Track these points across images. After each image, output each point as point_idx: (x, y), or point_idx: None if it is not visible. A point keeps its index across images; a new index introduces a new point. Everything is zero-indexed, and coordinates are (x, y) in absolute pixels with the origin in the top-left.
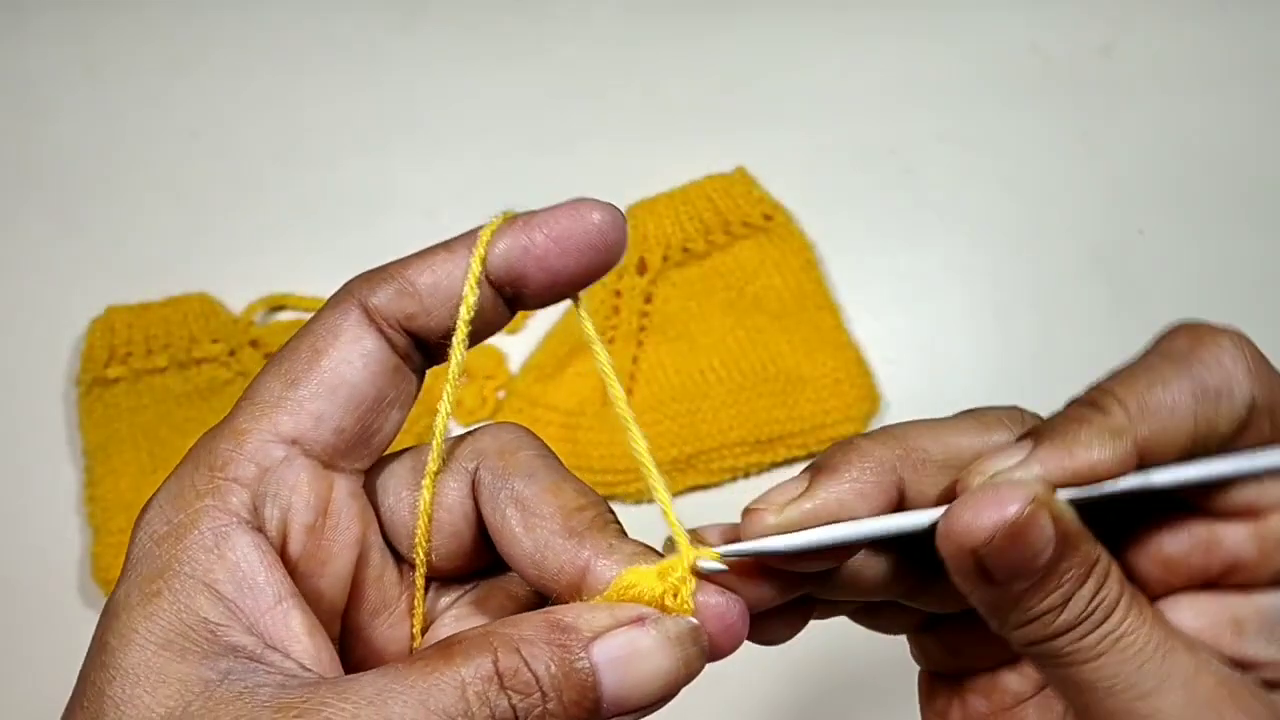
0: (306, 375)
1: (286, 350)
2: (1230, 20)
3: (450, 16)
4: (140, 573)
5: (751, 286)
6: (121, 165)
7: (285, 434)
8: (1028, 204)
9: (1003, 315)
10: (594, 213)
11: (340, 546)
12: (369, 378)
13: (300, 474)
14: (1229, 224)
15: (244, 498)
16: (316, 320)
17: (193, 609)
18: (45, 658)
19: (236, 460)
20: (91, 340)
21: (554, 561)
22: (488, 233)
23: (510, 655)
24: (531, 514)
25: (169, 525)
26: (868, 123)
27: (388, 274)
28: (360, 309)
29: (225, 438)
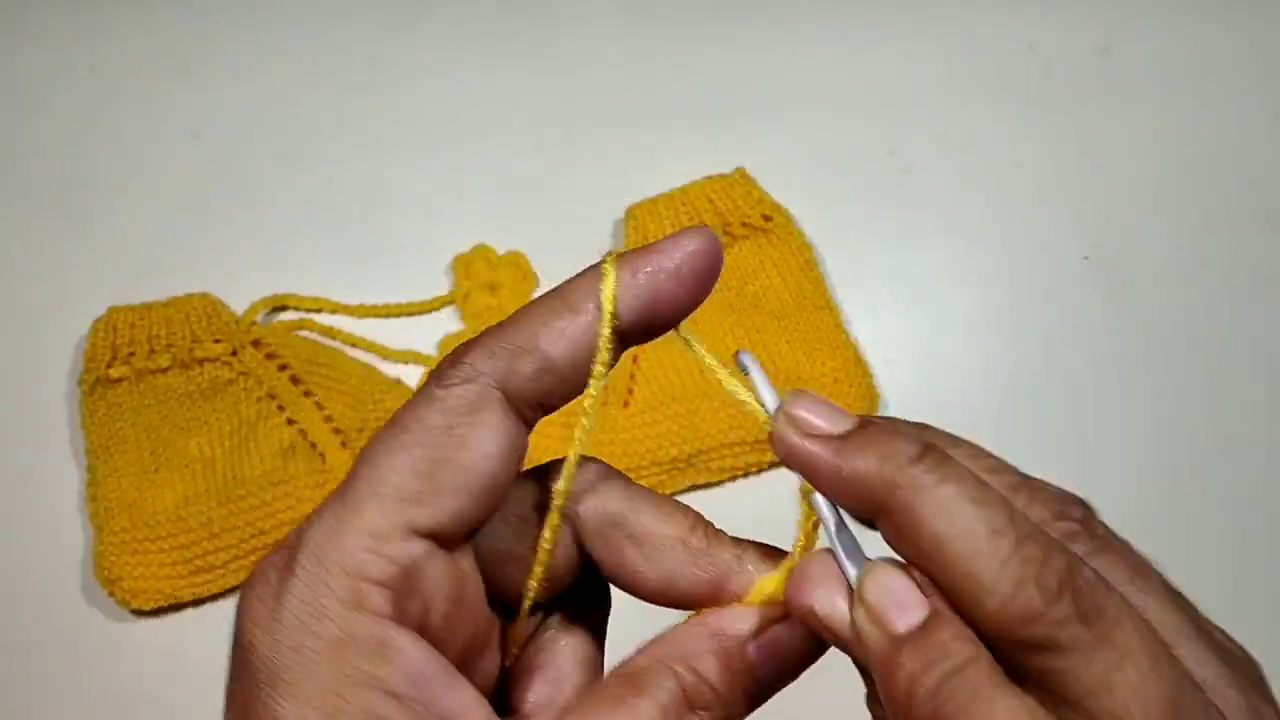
0: (447, 471)
1: (414, 432)
2: (1228, 21)
3: (450, 16)
4: (307, 690)
5: (751, 287)
6: (123, 165)
7: (423, 530)
8: (1026, 204)
9: (1001, 315)
10: (695, 241)
11: (467, 618)
12: (507, 469)
13: (439, 566)
14: (1227, 225)
15: (388, 598)
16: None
17: (381, 715)
18: (46, 657)
19: (376, 562)
20: (93, 340)
21: (687, 584)
22: (610, 283)
23: (688, 673)
24: (653, 546)
25: (319, 640)
26: (867, 123)
27: (521, 350)
28: (500, 395)
29: (358, 535)
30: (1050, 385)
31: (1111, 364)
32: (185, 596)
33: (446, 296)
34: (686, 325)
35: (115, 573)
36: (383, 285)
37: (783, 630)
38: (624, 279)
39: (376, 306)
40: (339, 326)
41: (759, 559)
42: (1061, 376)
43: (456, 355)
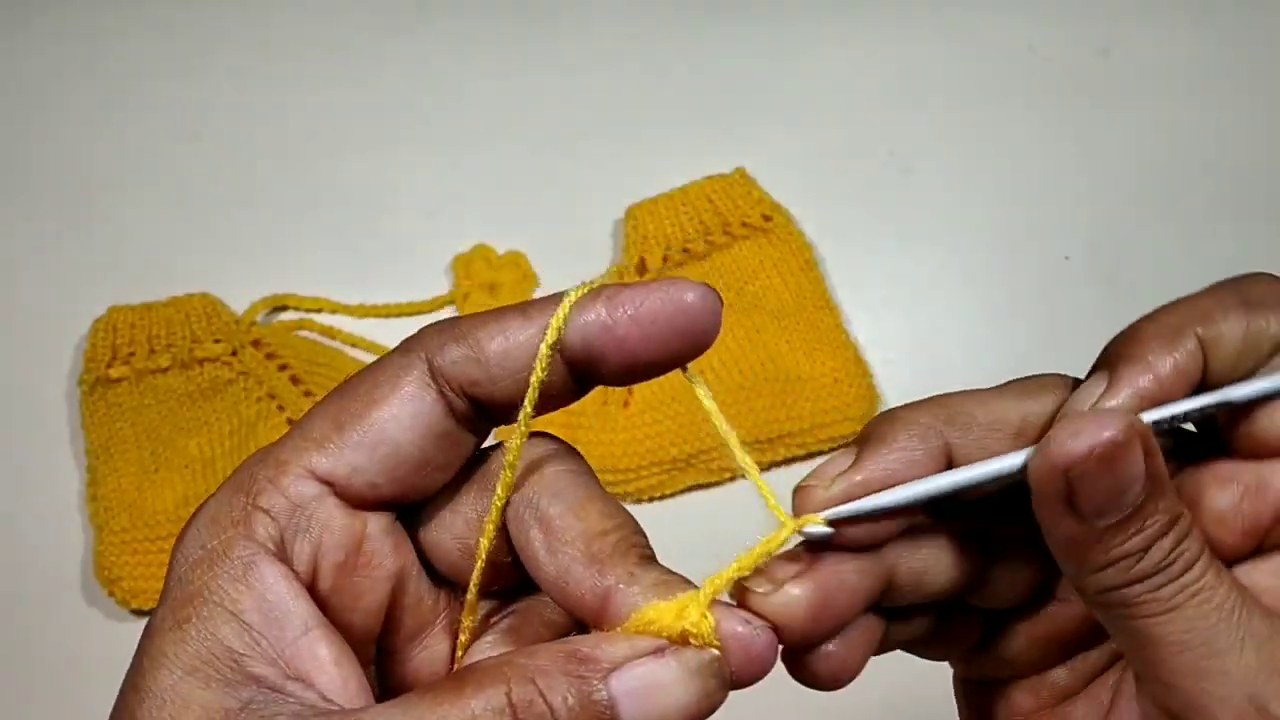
0: (354, 423)
1: (347, 386)
2: (1227, 23)
3: (450, 16)
4: (175, 597)
5: (751, 286)
6: (124, 165)
7: (321, 474)
8: (1025, 204)
9: (1000, 315)
10: (686, 293)
11: (373, 582)
12: (414, 440)
13: (332, 513)
14: (1226, 225)
15: (273, 529)
16: (383, 365)
17: (218, 637)
18: (47, 657)
19: (270, 491)
20: (94, 340)
21: (576, 588)
22: (565, 304)
23: (525, 686)
24: (555, 537)
25: (203, 551)
26: (867, 123)
27: (460, 333)
28: (425, 365)
29: (268, 465)
30: None
31: None
32: None
33: (446, 296)
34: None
35: (115, 573)
36: (383, 285)
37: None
38: (589, 306)
39: (376, 306)
40: (339, 326)
41: (656, 583)
42: None
43: (408, 337)
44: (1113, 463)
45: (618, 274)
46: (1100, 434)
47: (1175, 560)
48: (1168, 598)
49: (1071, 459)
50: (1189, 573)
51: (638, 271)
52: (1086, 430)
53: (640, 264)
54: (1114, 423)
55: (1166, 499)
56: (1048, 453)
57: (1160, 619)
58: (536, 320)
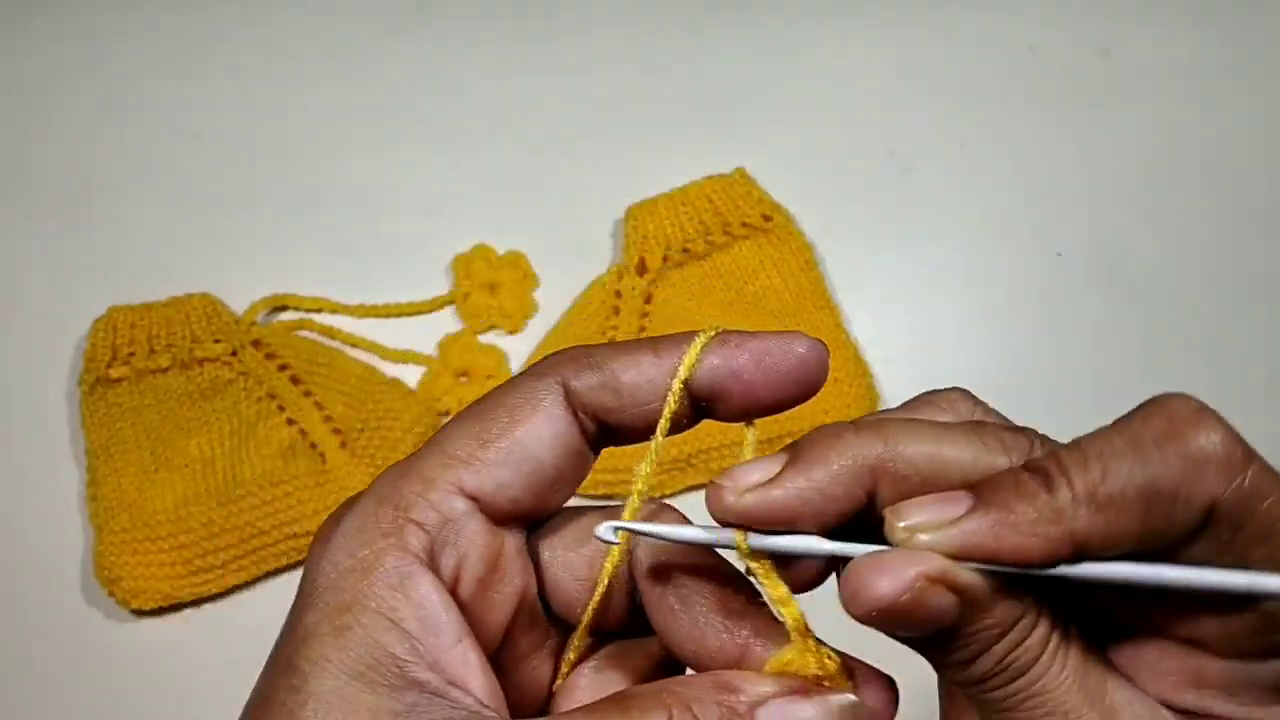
0: (498, 441)
1: (484, 407)
2: (1228, 23)
3: (450, 16)
4: (329, 603)
5: (751, 286)
6: (123, 165)
7: (469, 490)
8: (1026, 205)
9: (1001, 315)
10: (800, 345)
11: (503, 598)
12: (554, 457)
13: (477, 528)
14: (1227, 225)
15: (424, 541)
16: (518, 385)
17: (381, 644)
18: (47, 656)
19: (421, 505)
20: (94, 340)
21: (713, 640)
22: (698, 346)
23: (683, 712)
24: (690, 591)
25: (354, 559)
26: (867, 123)
27: (596, 362)
28: (562, 389)
29: (413, 480)
30: (1050, 385)
31: (1111, 363)
32: (185, 596)
33: (446, 296)
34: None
35: (115, 573)
36: (383, 285)
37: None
38: (717, 350)
39: (376, 306)
40: (339, 326)
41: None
42: (1061, 376)
43: (546, 358)
44: (903, 612)
45: (617, 274)
46: (885, 590)
47: (1007, 666)
48: (1001, 700)
49: (861, 611)
50: (1024, 676)
51: (638, 271)
52: (875, 582)
53: (640, 264)
54: (900, 579)
55: (992, 613)
56: (844, 593)
57: (996, 716)
58: (667, 358)
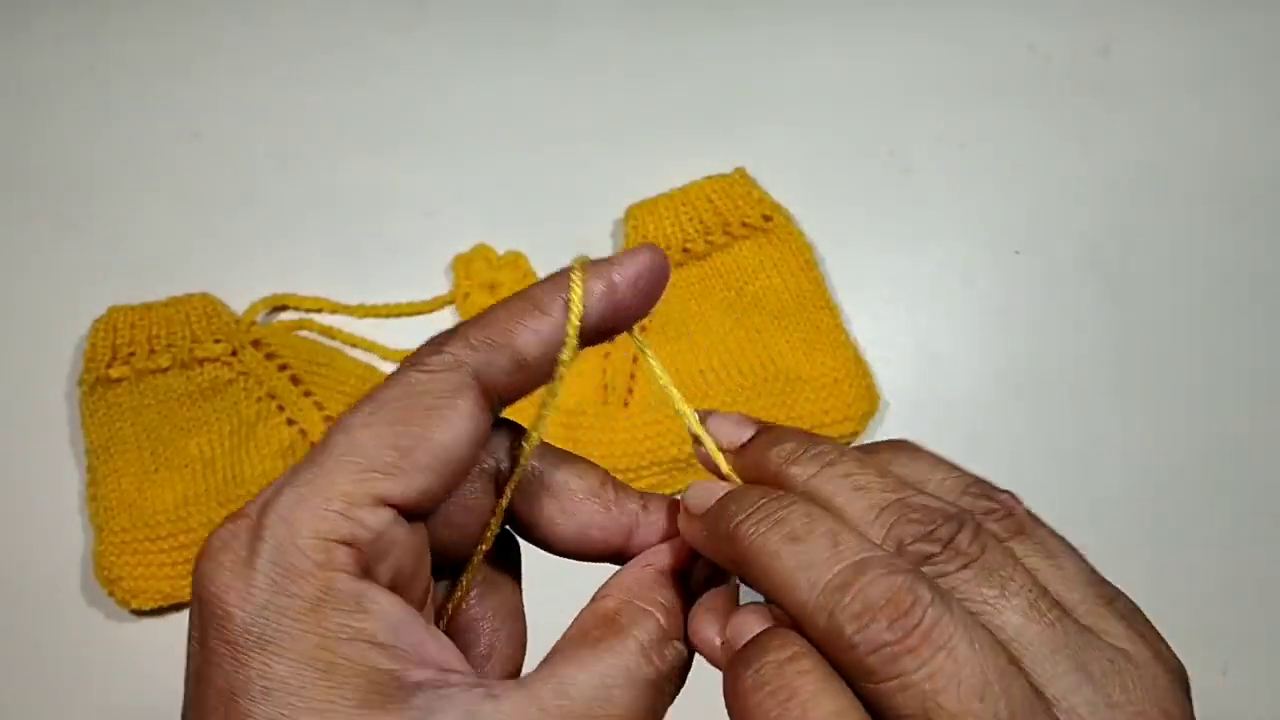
0: (419, 447)
1: (395, 406)
2: (1229, 22)
3: (450, 16)
4: (298, 649)
5: (751, 287)
6: (123, 165)
7: (393, 501)
8: (1026, 204)
9: (1001, 315)
10: (655, 257)
11: (421, 586)
12: (472, 451)
13: (404, 534)
14: (1227, 225)
15: (359, 559)
16: (431, 381)
17: (372, 666)
18: (47, 656)
19: (348, 526)
20: (94, 340)
21: (599, 536)
22: (578, 291)
23: (661, 611)
24: (568, 501)
25: (293, 599)
26: (867, 123)
27: (497, 345)
28: (475, 383)
29: (332, 499)
30: (1050, 385)
31: (1111, 363)
32: (185, 597)
33: (446, 296)
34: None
35: (115, 573)
36: (383, 285)
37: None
38: (593, 284)
39: (376, 306)
40: (339, 326)
41: (660, 506)
42: (1061, 376)
43: (437, 344)
44: None
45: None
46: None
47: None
48: None
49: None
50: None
51: None
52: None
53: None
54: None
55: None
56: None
57: None
58: (552, 309)
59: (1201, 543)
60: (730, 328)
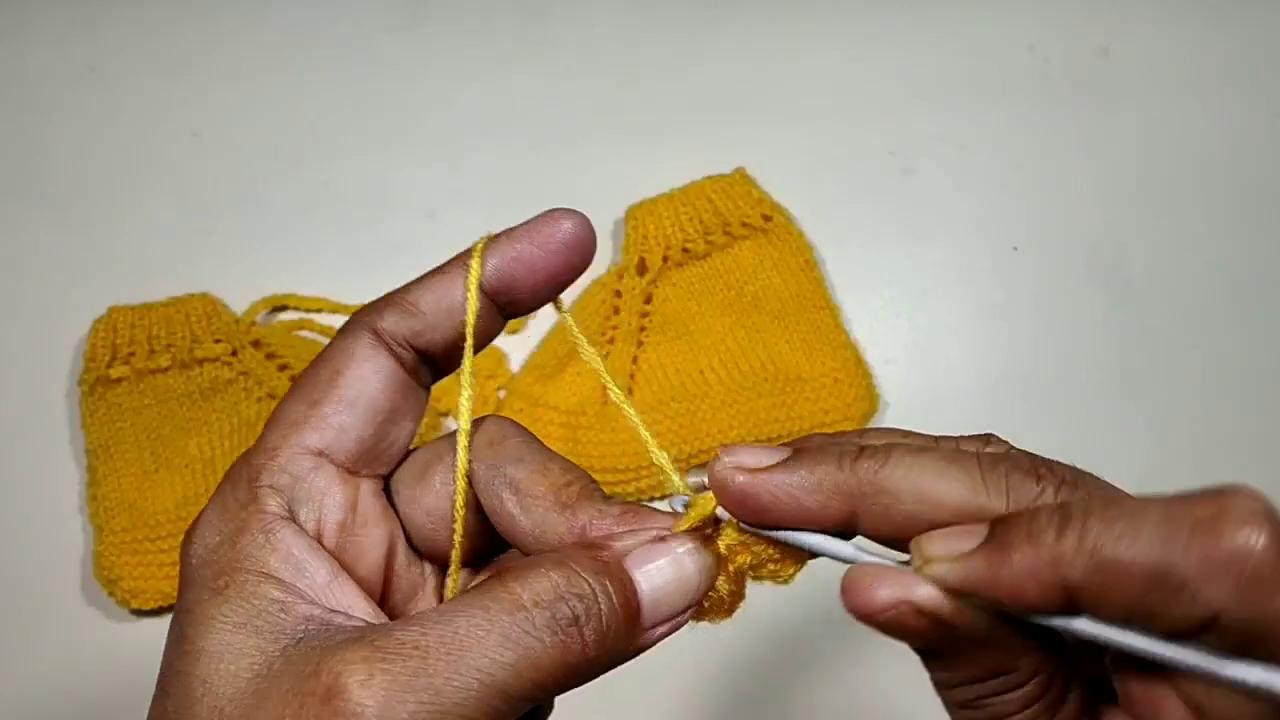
0: (327, 394)
1: (306, 376)
2: (1228, 22)
3: (451, 16)
4: (203, 575)
5: (751, 287)
6: (123, 165)
7: (312, 447)
8: (1026, 204)
9: (1001, 315)
10: (565, 220)
11: (371, 542)
12: (384, 391)
13: (329, 479)
14: (1227, 225)
15: (281, 501)
16: (331, 347)
17: (260, 594)
18: (47, 657)
19: (270, 470)
20: (94, 340)
21: (553, 534)
22: (480, 246)
23: (561, 569)
24: (526, 495)
25: (220, 534)
26: (868, 123)
27: (391, 300)
28: (370, 332)
29: (258, 454)
30: (1050, 385)
31: (1111, 363)
32: None
33: None
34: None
35: (115, 573)
36: (383, 285)
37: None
38: (495, 247)
39: None
40: (339, 327)
41: (623, 512)
42: (1061, 376)
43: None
44: (888, 627)
45: (617, 274)
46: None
47: (980, 708)
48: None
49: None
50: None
51: (638, 272)
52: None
53: (640, 264)
54: (881, 599)
55: (975, 660)
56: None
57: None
58: (453, 272)
59: None
60: (730, 328)
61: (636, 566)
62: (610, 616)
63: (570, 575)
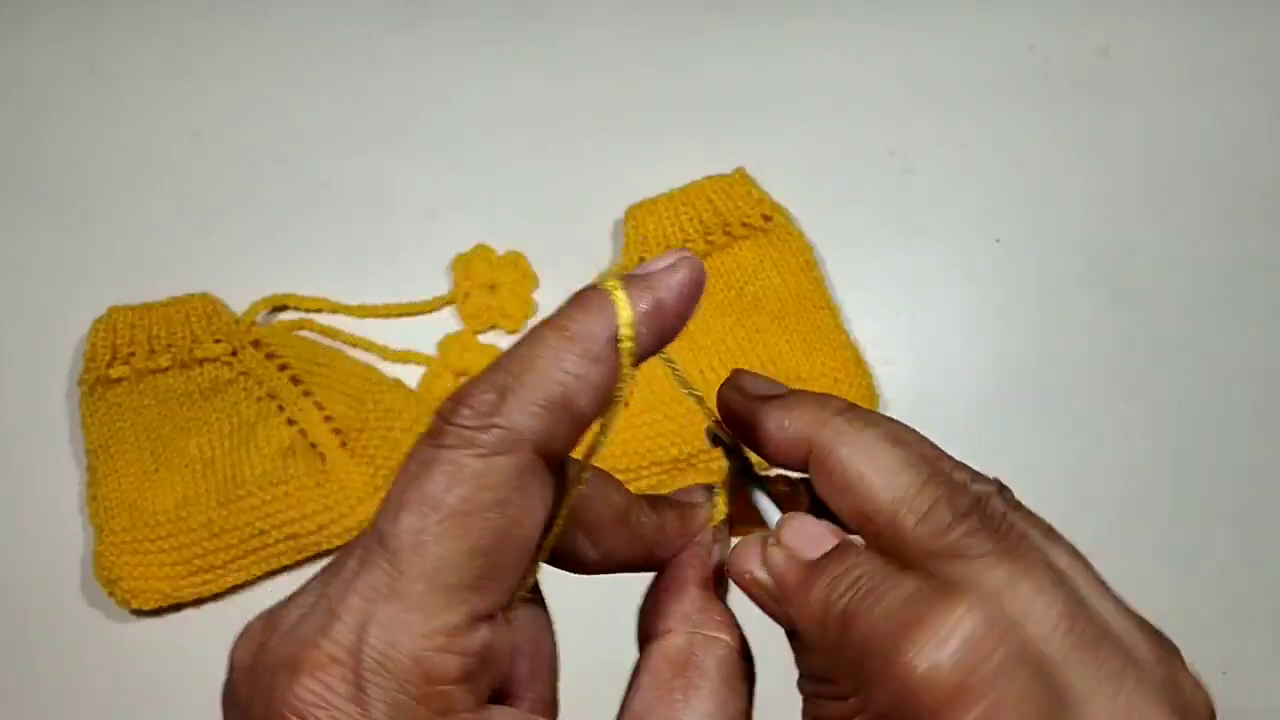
0: (502, 550)
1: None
2: (1228, 22)
3: (451, 16)
4: None
5: (751, 286)
6: (123, 165)
7: (486, 614)
8: (1026, 204)
9: (1001, 315)
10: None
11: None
12: (543, 523)
13: (497, 636)
14: (1227, 224)
15: (469, 688)
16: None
17: None
18: (47, 656)
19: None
20: (94, 340)
21: (623, 558)
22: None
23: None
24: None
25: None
26: (868, 123)
27: (554, 407)
28: (539, 458)
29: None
30: (1050, 385)
31: (1111, 364)
32: (185, 596)
33: (446, 296)
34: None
35: (115, 573)
36: (383, 285)
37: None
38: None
39: (376, 306)
40: (339, 326)
41: (677, 514)
42: (1061, 376)
43: (483, 410)
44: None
45: (618, 273)
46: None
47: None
48: None
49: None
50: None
51: None
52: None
53: (640, 264)
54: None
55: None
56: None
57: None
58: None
59: (1201, 542)
60: (730, 328)
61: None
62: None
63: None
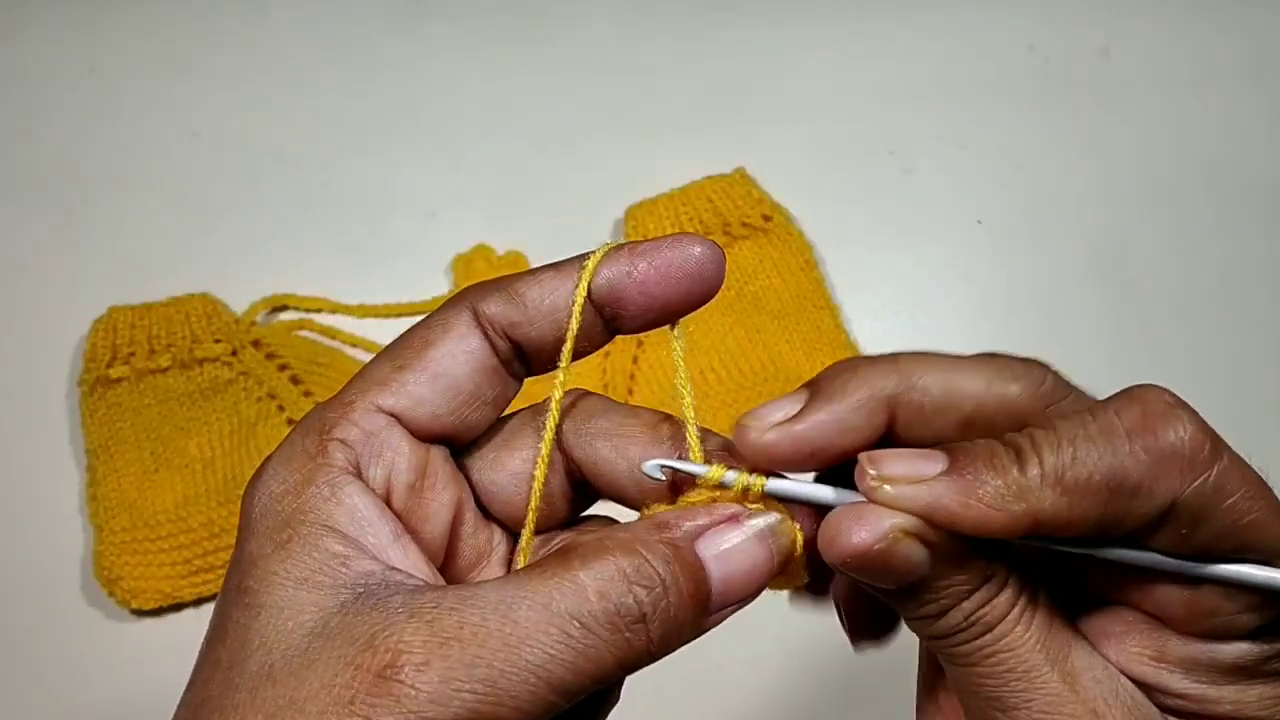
0: (413, 363)
1: (400, 340)
2: (1228, 22)
3: (451, 16)
4: (267, 525)
5: (751, 287)
6: (123, 165)
7: (387, 408)
8: (1026, 204)
9: (1001, 315)
10: (695, 246)
11: (438, 505)
12: (469, 374)
13: (400, 440)
14: (1227, 224)
15: (350, 456)
16: (431, 317)
17: (322, 548)
18: (47, 656)
19: (343, 425)
20: (94, 340)
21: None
22: (596, 256)
23: (630, 555)
24: (620, 438)
25: (285, 484)
26: (867, 123)
27: (500, 285)
28: (471, 312)
29: (333, 407)
30: None
31: (1111, 363)
32: (185, 596)
33: (446, 297)
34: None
35: (115, 573)
36: (383, 285)
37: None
38: (612, 259)
39: (376, 306)
40: (339, 326)
41: (716, 450)
42: None
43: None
44: (875, 562)
45: None
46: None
47: (973, 623)
48: (965, 655)
49: (837, 559)
50: (988, 634)
51: None
52: (848, 532)
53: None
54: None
55: (964, 570)
56: (821, 543)
57: (960, 670)
58: (567, 272)
59: None
60: (730, 328)
61: (708, 550)
62: (678, 607)
63: (639, 563)
